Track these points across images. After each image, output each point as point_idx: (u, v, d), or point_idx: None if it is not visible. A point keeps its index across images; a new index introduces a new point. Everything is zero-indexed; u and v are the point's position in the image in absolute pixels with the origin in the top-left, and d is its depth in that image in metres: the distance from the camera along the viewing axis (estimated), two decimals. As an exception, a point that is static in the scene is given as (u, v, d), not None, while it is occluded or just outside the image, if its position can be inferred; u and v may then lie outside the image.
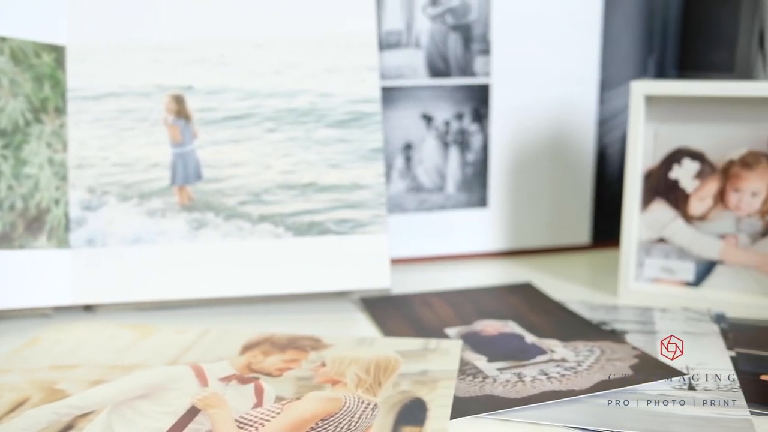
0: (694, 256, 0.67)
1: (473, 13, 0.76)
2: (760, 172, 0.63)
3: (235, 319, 0.65)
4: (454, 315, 0.65)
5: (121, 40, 0.65)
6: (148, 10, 0.65)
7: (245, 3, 0.66)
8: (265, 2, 0.66)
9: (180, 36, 0.66)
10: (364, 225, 0.66)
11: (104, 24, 0.65)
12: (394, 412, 0.48)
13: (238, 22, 0.66)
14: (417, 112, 0.77)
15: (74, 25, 0.65)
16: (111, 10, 0.65)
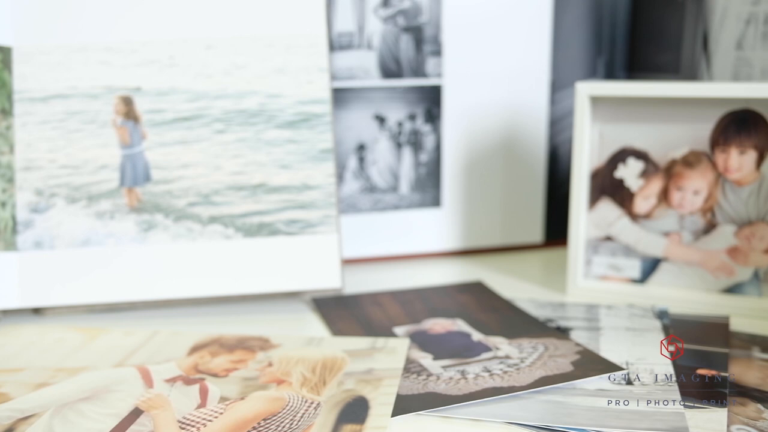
0: (640, 254, 0.68)
1: (424, 15, 0.76)
2: (701, 170, 0.65)
3: (185, 321, 0.65)
4: (403, 314, 0.65)
5: (68, 42, 0.65)
6: (96, 11, 0.65)
7: (194, 4, 0.66)
8: (215, 3, 0.66)
9: (129, 37, 0.65)
10: (314, 225, 0.67)
11: (51, 25, 0.65)
12: (336, 410, 0.48)
13: (187, 24, 0.66)
14: (369, 113, 0.77)
15: (20, 26, 0.65)
16: (58, 11, 0.65)
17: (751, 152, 0.63)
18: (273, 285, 0.67)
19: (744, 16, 0.72)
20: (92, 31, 0.65)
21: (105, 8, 0.65)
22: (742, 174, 0.64)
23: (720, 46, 0.75)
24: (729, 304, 0.65)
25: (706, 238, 0.66)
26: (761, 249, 0.64)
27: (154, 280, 0.66)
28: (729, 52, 0.74)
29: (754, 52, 0.72)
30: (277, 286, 0.67)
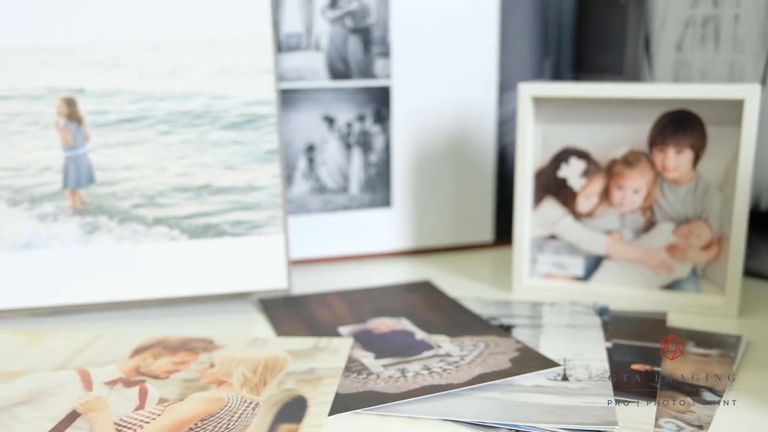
0: (583, 252, 0.70)
1: (372, 16, 0.77)
2: (640, 170, 0.66)
3: (130, 323, 0.65)
4: (349, 314, 0.66)
5: (9, 43, 0.64)
6: (38, 12, 0.64)
7: (138, 5, 0.65)
8: (158, 4, 0.66)
9: (71, 38, 0.65)
10: (260, 226, 0.67)
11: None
12: (274, 410, 0.48)
13: (130, 25, 0.65)
14: (318, 114, 0.77)
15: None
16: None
17: (687, 152, 0.64)
18: (219, 286, 0.67)
19: (683, 19, 0.74)
20: (33, 32, 0.65)
21: (46, 9, 0.65)
22: (679, 173, 0.65)
23: (661, 49, 0.76)
24: (668, 301, 0.66)
25: (646, 236, 0.67)
26: (698, 246, 0.65)
27: (99, 283, 0.65)
28: (669, 54, 0.75)
29: (693, 54, 0.74)
30: (223, 288, 0.67)
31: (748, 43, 0.70)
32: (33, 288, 0.65)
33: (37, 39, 0.65)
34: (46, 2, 0.64)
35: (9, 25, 0.64)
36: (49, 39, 0.65)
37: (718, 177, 0.64)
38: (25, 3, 0.64)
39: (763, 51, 0.69)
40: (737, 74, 0.71)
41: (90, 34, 0.65)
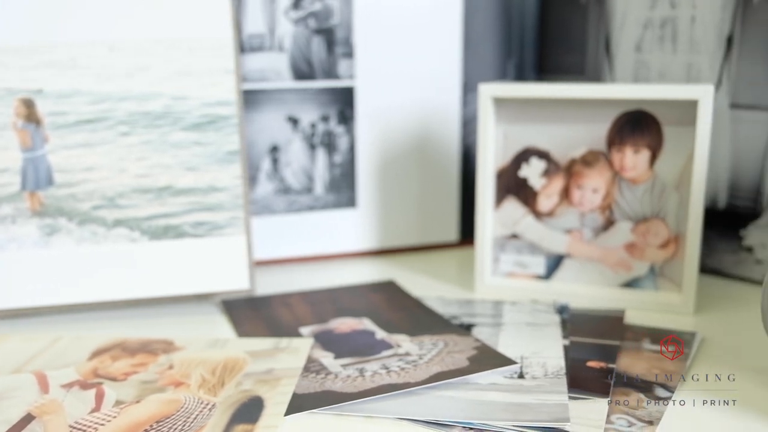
0: (544, 251, 0.70)
1: (336, 17, 0.77)
2: (599, 169, 0.67)
3: (91, 326, 0.64)
4: (312, 314, 0.66)
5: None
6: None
7: (97, 5, 0.65)
8: (118, 5, 0.65)
9: (29, 38, 0.64)
10: (221, 227, 0.67)
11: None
12: (231, 411, 0.48)
13: (89, 25, 0.65)
14: (282, 114, 0.77)
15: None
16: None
17: (644, 151, 0.65)
18: (180, 288, 0.66)
19: (642, 20, 0.75)
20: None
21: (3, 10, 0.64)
22: (636, 172, 0.66)
23: (620, 49, 0.77)
24: (627, 298, 0.67)
25: (605, 234, 0.68)
26: (656, 245, 0.66)
27: (59, 285, 0.65)
28: (629, 54, 0.76)
29: (652, 54, 0.75)
30: (184, 289, 0.66)
31: (705, 44, 0.71)
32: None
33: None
34: (3, 3, 0.64)
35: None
36: (7, 39, 0.64)
37: (675, 176, 0.65)
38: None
39: (718, 52, 0.70)
40: (694, 75, 0.72)
41: (48, 35, 0.65)
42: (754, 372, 0.53)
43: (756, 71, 0.68)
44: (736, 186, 0.71)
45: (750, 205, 0.71)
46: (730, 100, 0.70)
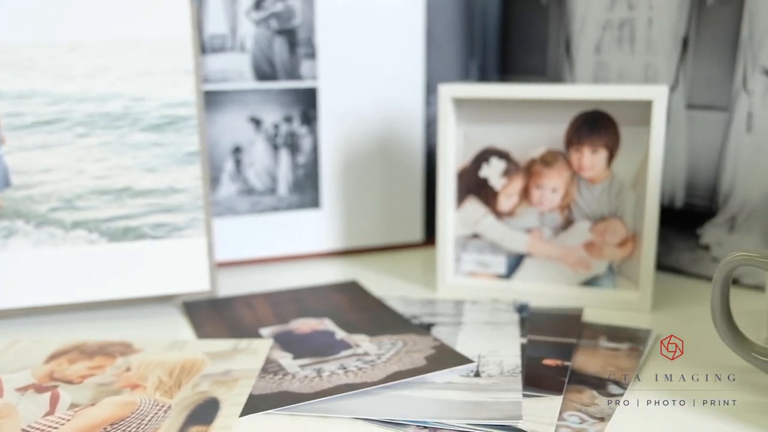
0: (505, 250, 0.71)
1: (297, 18, 0.77)
2: (557, 169, 0.68)
3: (50, 329, 0.64)
4: (273, 315, 0.66)
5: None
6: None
7: (56, 6, 0.65)
8: (76, 5, 0.65)
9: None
10: (181, 229, 0.66)
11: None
12: (186, 412, 0.48)
13: (47, 25, 0.64)
14: (245, 115, 0.77)
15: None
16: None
17: (602, 151, 0.66)
18: (140, 290, 0.66)
19: (601, 22, 0.76)
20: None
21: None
22: (594, 172, 0.67)
23: (581, 51, 0.78)
24: (586, 297, 0.68)
25: (565, 234, 0.69)
26: (614, 243, 0.67)
27: (16, 288, 0.64)
28: (589, 55, 0.77)
29: (611, 55, 0.76)
30: (144, 291, 0.66)
31: (662, 45, 0.72)
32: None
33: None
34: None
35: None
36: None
37: (631, 176, 0.66)
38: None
39: (674, 53, 0.71)
40: (651, 76, 0.73)
41: (5, 35, 0.64)
42: (705, 367, 0.54)
43: (711, 72, 0.69)
44: (693, 185, 0.73)
45: (706, 204, 0.72)
46: (686, 101, 0.71)
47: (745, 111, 0.68)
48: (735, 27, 0.67)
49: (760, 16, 0.65)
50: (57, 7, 0.64)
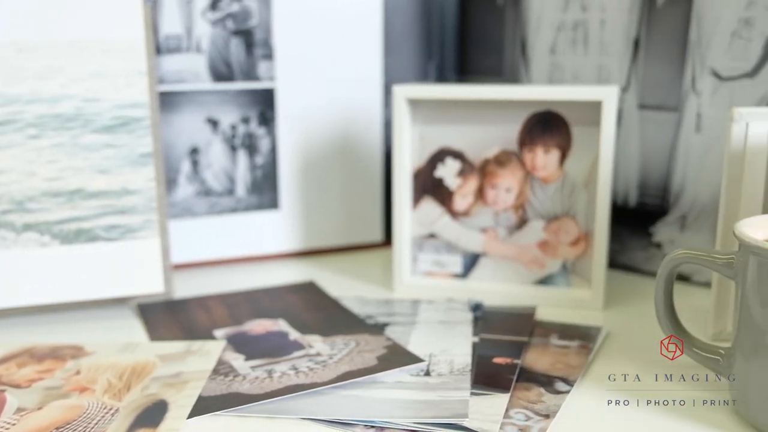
0: (461, 250, 0.71)
1: (254, 19, 0.77)
2: (511, 169, 0.68)
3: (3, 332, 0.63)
4: (228, 316, 0.66)
5: None
6: None
7: (6, 6, 0.64)
8: (27, 6, 0.64)
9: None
10: (134, 230, 0.66)
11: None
12: (134, 415, 0.48)
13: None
14: (202, 116, 0.77)
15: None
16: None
17: (554, 151, 0.67)
18: (93, 292, 0.66)
19: (555, 23, 0.76)
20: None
21: None
22: (547, 172, 0.67)
23: (536, 52, 0.79)
24: (541, 295, 0.69)
25: (519, 233, 0.69)
26: (567, 242, 0.68)
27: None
28: (544, 57, 0.78)
29: (565, 57, 0.76)
30: (97, 294, 0.66)
31: (614, 46, 0.73)
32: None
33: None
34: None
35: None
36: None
37: (583, 175, 0.66)
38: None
39: (626, 54, 0.72)
40: (605, 76, 0.74)
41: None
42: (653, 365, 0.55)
43: (661, 73, 0.70)
44: (645, 185, 0.74)
45: (658, 203, 0.73)
46: (638, 101, 0.72)
47: (695, 111, 0.69)
48: (684, 29, 0.68)
49: (707, 19, 0.66)
50: (6, 8, 0.64)
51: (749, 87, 0.65)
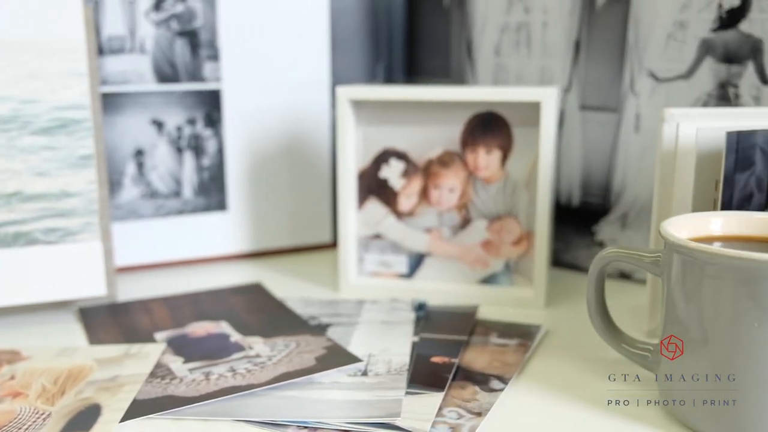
0: (406, 250, 0.72)
1: (199, 19, 0.77)
2: (454, 170, 0.69)
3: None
4: (171, 319, 0.65)
5: None
6: None
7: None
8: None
9: None
10: (75, 233, 0.65)
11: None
12: (66, 419, 0.48)
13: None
14: (146, 117, 0.77)
15: None
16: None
17: (496, 152, 0.67)
18: (32, 296, 0.65)
19: (500, 25, 0.77)
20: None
21: None
22: (489, 172, 0.68)
23: (481, 53, 0.79)
24: (485, 295, 0.69)
25: (463, 233, 0.70)
26: (510, 242, 0.69)
27: None
28: (489, 58, 0.79)
29: (509, 58, 0.77)
30: (36, 297, 0.65)
31: (556, 48, 0.74)
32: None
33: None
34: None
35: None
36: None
37: (524, 175, 0.67)
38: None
39: (568, 55, 0.73)
40: (547, 78, 0.75)
41: None
42: (590, 362, 0.56)
43: (601, 74, 0.72)
44: (588, 184, 0.75)
45: (600, 202, 0.74)
46: (579, 102, 0.73)
47: (633, 112, 0.70)
48: (622, 31, 0.69)
49: (643, 21, 0.68)
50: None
51: (685, 88, 0.66)
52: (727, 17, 0.63)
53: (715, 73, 0.64)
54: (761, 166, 0.52)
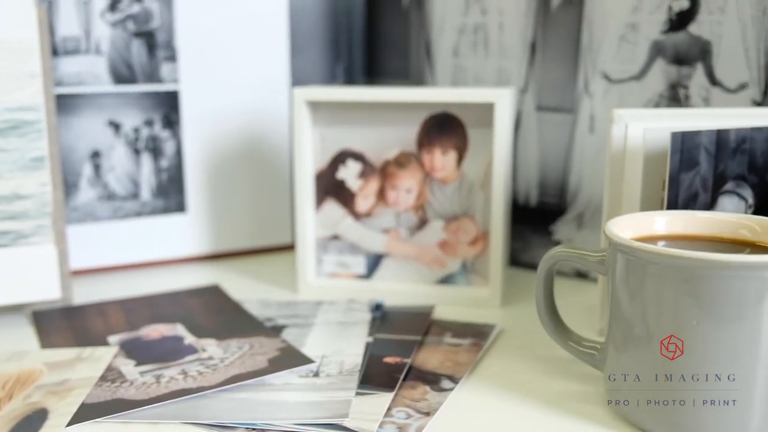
0: (364, 251, 0.72)
1: (156, 20, 0.76)
2: (411, 170, 0.69)
3: None
4: (125, 322, 0.65)
5: None
6: None
7: None
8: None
9: None
10: (27, 236, 0.65)
11: None
12: (11, 425, 0.47)
13: None
14: (103, 119, 0.76)
15: None
16: None
17: (452, 152, 0.68)
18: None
19: (457, 26, 0.78)
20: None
21: None
22: (445, 173, 0.68)
23: (440, 54, 0.80)
24: (442, 295, 0.70)
25: (420, 233, 0.70)
26: (466, 242, 0.69)
27: None
28: (447, 59, 0.79)
29: (467, 59, 0.78)
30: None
31: (512, 49, 0.74)
32: None
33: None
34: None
35: None
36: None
37: (480, 176, 0.68)
38: None
39: (524, 57, 0.74)
40: (504, 79, 0.75)
41: None
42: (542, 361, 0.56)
43: (557, 75, 0.72)
44: (545, 184, 0.75)
45: (557, 202, 0.75)
46: (536, 103, 0.74)
47: (588, 113, 0.71)
48: (576, 32, 0.70)
49: (596, 23, 0.68)
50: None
51: (637, 89, 0.67)
52: (677, 19, 0.64)
53: (666, 74, 0.65)
54: (706, 166, 0.53)
